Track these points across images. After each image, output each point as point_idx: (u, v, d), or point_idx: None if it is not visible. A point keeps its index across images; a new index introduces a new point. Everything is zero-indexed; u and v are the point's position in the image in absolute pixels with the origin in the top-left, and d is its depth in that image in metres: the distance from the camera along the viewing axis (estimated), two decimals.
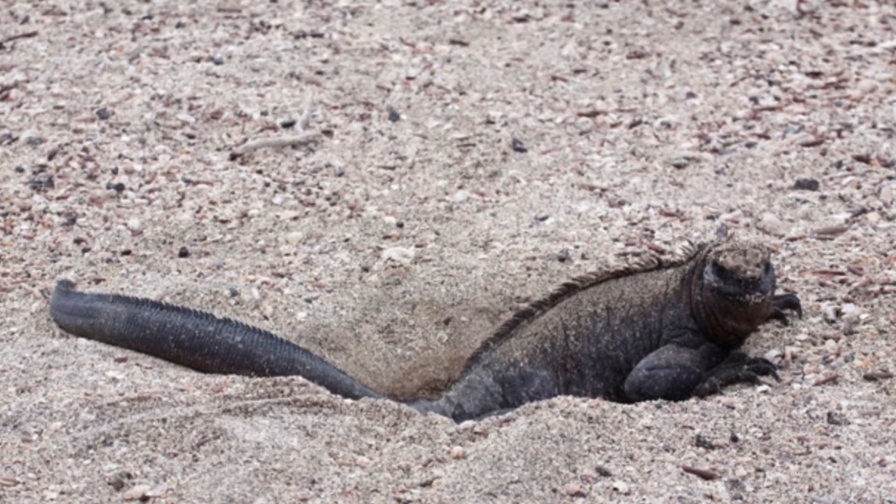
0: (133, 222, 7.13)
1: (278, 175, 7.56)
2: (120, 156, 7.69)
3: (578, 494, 5.09)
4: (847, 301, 6.15)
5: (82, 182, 7.46)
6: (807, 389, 5.67)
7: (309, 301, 6.57)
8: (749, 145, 7.68)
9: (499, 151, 7.76)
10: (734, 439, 5.36)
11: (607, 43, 8.88)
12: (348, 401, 5.68)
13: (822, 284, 6.31)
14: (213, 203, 7.31)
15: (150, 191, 7.41)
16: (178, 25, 9.07)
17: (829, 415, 5.47)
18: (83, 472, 5.23)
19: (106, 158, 7.67)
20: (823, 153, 7.54)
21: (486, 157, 7.70)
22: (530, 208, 7.21)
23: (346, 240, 6.99)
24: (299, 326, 6.47)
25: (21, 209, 7.21)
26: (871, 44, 8.70)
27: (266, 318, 6.47)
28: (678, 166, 7.54)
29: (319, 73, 8.52)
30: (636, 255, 6.67)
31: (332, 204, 7.31)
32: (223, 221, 7.15)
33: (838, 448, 5.29)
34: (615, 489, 5.11)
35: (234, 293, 6.54)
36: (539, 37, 8.94)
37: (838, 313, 6.09)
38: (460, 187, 7.46)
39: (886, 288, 6.18)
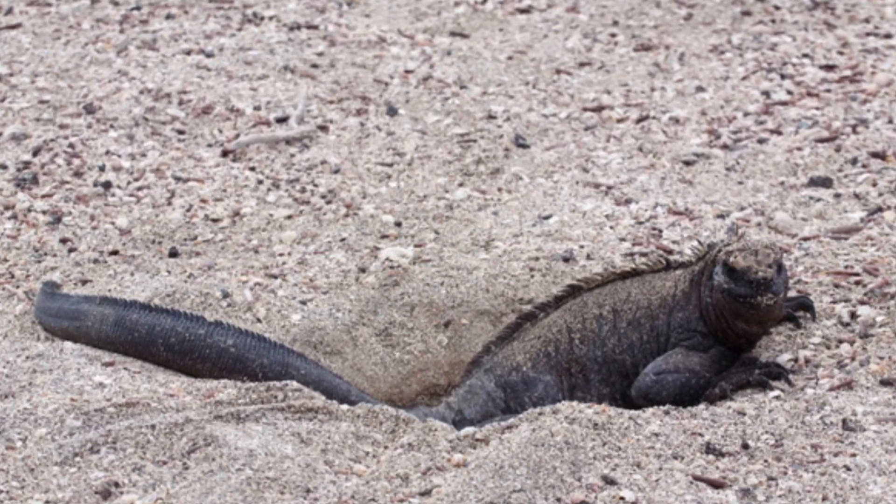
0: (121, 221, 7.16)
1: (272, 172, 7.61)
2: (107, 152, 7.74)
3: None
4: (862, 303, 6.15)
5: (68, 179, 7.50)
6: (821, 395, 5.65)
7: (303, 303, 6.58)
8: (761, 141, 7.73)
9: (501, 147, 7.81)
10: (745, 446, 5.34)
11: (613, 35, 9.00)
12: (344, 407, 5.69)
13: (836, 286, 6.32)
14: (203, 201, 7.34)
15: (139, 188, 7.46)
16: (168, 17, 9.19)
17: (844, 421, 5.45)
18: (69, 480, 5.20)
19: (93, 155, 7.72)
20: (838, 149, 7.59)
21: (488, 153, 7.75)
22: (533, 206, 7.23)
23: (343, 239, 7.00)
24: (293, 329, 6.48)
25: (4, 207, 7.24)
26: (888, 36, 8.83)
27: (259, 320, 6.49)
28: (687, 163, 7.59)
29: (314, 66, 8.59)
30: (643, 255, 6.69)
31: (328, 202, 7.34)
32: (214, 220, 7.18)
33: (853, 456, 5.26)
34: (622, 498, 5.08)
35: (225, 295, 6.55)
36: (542, 28, 9.09)
37: (853, 315, 6.10)
38: (461, 185, 7.50)
39: None
